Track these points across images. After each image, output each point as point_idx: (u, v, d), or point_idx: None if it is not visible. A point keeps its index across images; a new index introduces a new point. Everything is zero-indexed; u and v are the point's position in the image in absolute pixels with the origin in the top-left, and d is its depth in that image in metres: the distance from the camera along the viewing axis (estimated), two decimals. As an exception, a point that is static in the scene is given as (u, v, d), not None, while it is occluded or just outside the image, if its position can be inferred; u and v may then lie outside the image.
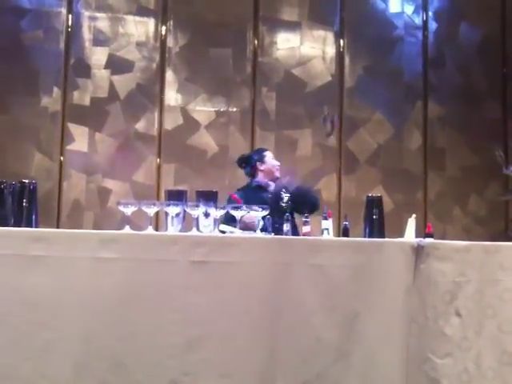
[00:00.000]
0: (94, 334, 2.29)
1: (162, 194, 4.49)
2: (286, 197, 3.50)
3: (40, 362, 2.24)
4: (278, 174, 4.07)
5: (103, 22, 5.37)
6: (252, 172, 4.09)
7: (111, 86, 5.32)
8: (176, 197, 2.84)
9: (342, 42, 5.75)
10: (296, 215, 3.69)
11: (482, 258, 2.57)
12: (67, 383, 2.25)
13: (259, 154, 4.13)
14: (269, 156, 4.11)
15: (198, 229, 2.70)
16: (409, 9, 5.94)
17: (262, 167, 4.07)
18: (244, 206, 2.72)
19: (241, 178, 5.49)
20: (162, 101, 5.39)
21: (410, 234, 3.13)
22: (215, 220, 2.70)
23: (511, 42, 6.03)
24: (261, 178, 4.06)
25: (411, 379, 2.49)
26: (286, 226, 3.19)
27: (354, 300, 2.44)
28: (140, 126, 5.34)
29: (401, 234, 3.27)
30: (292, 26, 5.70)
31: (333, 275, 2.43)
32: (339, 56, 5.74)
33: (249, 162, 4.11)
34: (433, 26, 5.98)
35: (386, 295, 2.48)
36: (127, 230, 2.58)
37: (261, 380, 2.37)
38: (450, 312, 2.50)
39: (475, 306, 2.53)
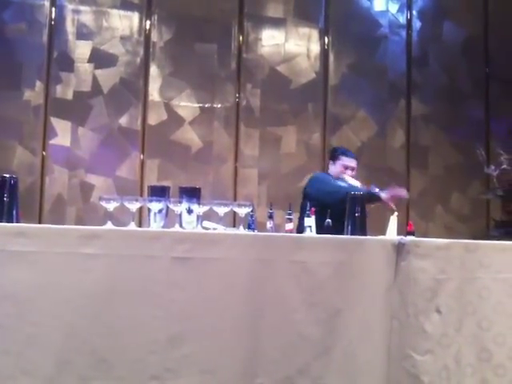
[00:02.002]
0: (76, 330, 2.28)
1: (146, 190, 4.47)
2: None
3: (21, 357, 2.23)
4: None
5: (87, 16, 5.33)
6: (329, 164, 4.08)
7: (94, 80, 5.28)
8: (159, 193, 2.84)
9: (326, 39, 5.76)
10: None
11: (463, 255, 2.60)
12: (48, 379, 2.24)
13: (335, 153, 4.08)
14: (342, 161, 4.00)
15: (180, 225, 2.70)
16: (393, 7, 5.97)
17: (331, 166, 4.05)
18: (226, 202, 2.72)
19: (225, 174, 5.51)
20: (145, 96, 5.37)
21: (391, 232, 3.15)
22: (198, 216, 2.70)
23: (494, 42, 6.08)
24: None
25: (392, 375, 2.51)
26: (269, 223, 3.20)
27: (335, 296, 2.45)
28: (123, 120, 5.31)
29: (383, 231, 3.29)
30: (277, 23, 5.70)
31: (315, 272, 2.44)
32: (324, 53, 5.75)
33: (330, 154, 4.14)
34: (417, 24, 6.02)
35: (368, 292, 2.50)
36: (109, 225, 2.57)
37: (243, 376, 2.38)
38: (431, 309, 2.52)
39: (455, 303, 2.56)
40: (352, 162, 4.04)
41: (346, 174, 3.96)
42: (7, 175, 2.61)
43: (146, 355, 2.31)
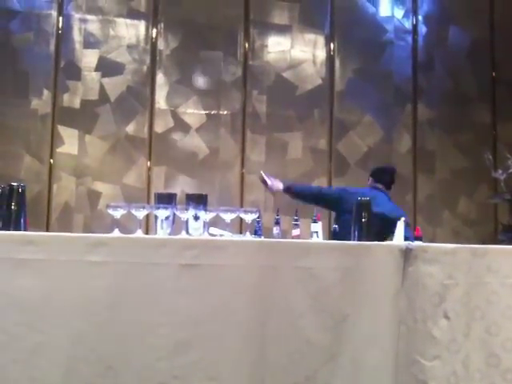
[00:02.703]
0: (83, 338, 2.28)
1: (153, 197, 4.48)
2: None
3: (28, 365, 2.23)
4: None
5: (94, 25, 5.36)
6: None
7: (101, 88, 5.31)
8: (166, 200, 2.84)
9: (332, 45, 5.77)
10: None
11: (470, 260, 2.59)
12: (56, 387, 2.24)
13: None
14: None
15: (187, 232, 2.71)
16: (399, 13, 5.98)
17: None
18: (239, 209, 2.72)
19: (231, 180, 5.52)
20: (152, 103, 5.39)
21: (398, 237, 3.14)
22: (205, 223, 2.71)
23: (500, 46, 6.07)
24: None
25: (400, 382, 2.50)
26: (276, 229, 3.20)
27: (342, 302, 2.45)
28: (130, 128, 5.34)
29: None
30: (282, 30, 5.72)
31: (321, 278, 2.44)
32: (329, 59, 5.76)
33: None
34: (422, 29, 6.02)
35: (375, 298, 2.49)
36: (116, 233, 2.57)
37: (250, 382, 2.37)
38: (439, 314, 2.51)
39: (463, 308, 2.54)
40: None
41: None
42: (15, 183, 2.63)
43: (153, 362, 2.31)
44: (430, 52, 5.99)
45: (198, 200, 2.80)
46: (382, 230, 3.10)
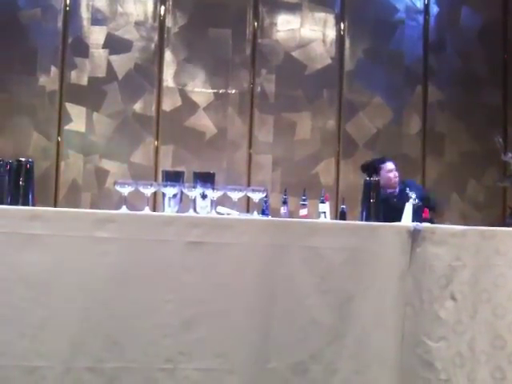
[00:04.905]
0: (90, 313, 2.30)
1: (160, 176, 4.48)
2: (413, 194, 3.74)
3: (35, 340, 2.25)
4: (394, 183, 4.23)
5: (101, 1, 5.31)
6: None
7: (109, 65, 5.28)
8: (173, 178, 2.85)
9: (342, 24, 5.70)
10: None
11: (478, 242, 2.58)
12: (62, 361, 2.26)
13: (375, 167, 4.28)
14: (384, 169, 4.24)
15: (194, 210, 2.70)
16: (410, -8, 5.90)
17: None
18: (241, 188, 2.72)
19: (238, 160, 5.50)
20: (160, 81, 5.36)
21: (407, 218, 3.13)
22: (212, 201, 2.70)
23: (513, 27, 5.99)
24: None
25: (405, 362, 2.51)
26: (283, 209, 3.19)
27: (348, 282, 2.45)
28: (138, 106, 5.31)
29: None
30: (292, 8, 5.65)
31: (328, 258, 2.44)
32: (339, 39, 5.69)
33: (367, 171, 4.27)
34: (434, 9, 5.93)
35: (381, 278, 2.49)
36: (124, 210, 2.58)
37: (255, 360, 2.39)
38: (445, 296, 2.51)
39: (470, 290, 2.54)
40: (391, 165, 4.31)
41: (393, 177, 4.26)
42: (23, 159, 2.63)
43: (159, 339, 2.32)
44: (441, 33, 5.91)
45: (206, 178, 2.79)
46: None
